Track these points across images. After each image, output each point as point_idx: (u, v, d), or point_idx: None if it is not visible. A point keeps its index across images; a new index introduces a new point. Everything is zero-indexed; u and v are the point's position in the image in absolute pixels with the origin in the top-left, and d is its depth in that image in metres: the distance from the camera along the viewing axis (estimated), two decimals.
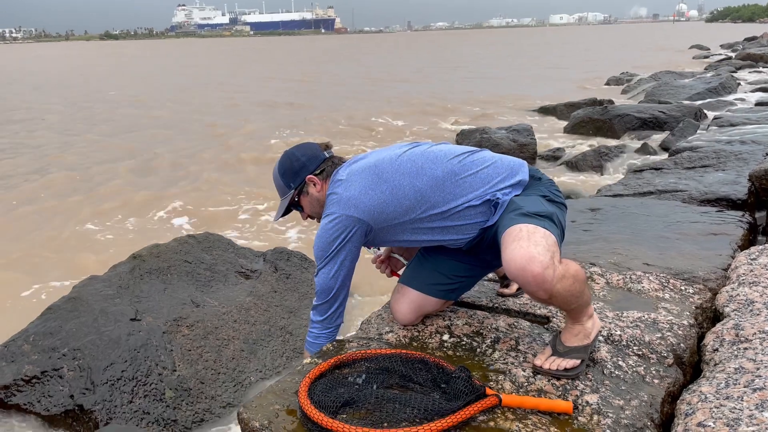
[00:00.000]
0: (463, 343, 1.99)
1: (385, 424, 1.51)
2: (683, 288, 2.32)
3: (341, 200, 1.85)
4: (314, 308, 2.01)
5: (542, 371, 1.76)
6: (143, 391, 2.61)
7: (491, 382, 1.75)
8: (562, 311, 1.89)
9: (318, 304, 1.98)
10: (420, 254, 2.13)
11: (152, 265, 3.34)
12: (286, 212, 2.08)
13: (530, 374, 1.78)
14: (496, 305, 2.25)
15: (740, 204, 3.58)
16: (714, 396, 1.61)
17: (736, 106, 9.92)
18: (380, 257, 2.26)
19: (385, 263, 2.27)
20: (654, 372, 1.79)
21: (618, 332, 1.97)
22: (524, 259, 1.57)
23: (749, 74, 16.59)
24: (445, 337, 2.03)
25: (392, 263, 2.27)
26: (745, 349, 1.83)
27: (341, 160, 2.02)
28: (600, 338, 1.94)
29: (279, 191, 2.05)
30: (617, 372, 1.78)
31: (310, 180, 1.98)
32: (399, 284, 2.12)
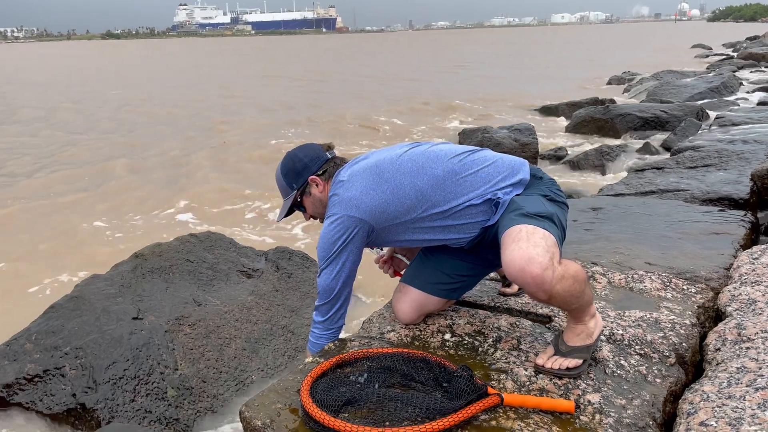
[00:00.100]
0: (465, 343, 1.99)
1: (387, 423, 1.51)
2: (685, 287, 2.32)
3: (343, 201, 1.85)
4: (316, 309, 2.01)
5: (544, 370, 1.76)
6: (145, 390, 2.62)
7: (493, 382, 1.75)
8: (564, 311, 1.89)
9: (320, 305, 1.99)
10: (422, 253, 2.13)
11: (154, 264, 3.35)
12: (289, 213, 2.07)
13: (532, 373, 1.78)
14: (498, 304, 2.26)
15: (742, 203, 3.58)
16: (716, 395, 1.61)
17: (738, 106, 9.91)
18: (383, 258, 2.27)
19: (388, 263, 2.27)
20: (656, 371, 1.79)
21: (620, 332, 1.97)
22: (523, 260, 1.57)
23: (751, 74, 16.58)
24: (447, 337, 2.03)
25: (395, 263, 2.27)
26: (748, 349, 1.83)
27: (343, 161, 2.02)
28: (602, 337, 1.94)
29: (282, 192, 2.06)
30: (619, 371, 1.78)
31: (313, 181, 1.98)
32: (401, 283, 2.12)
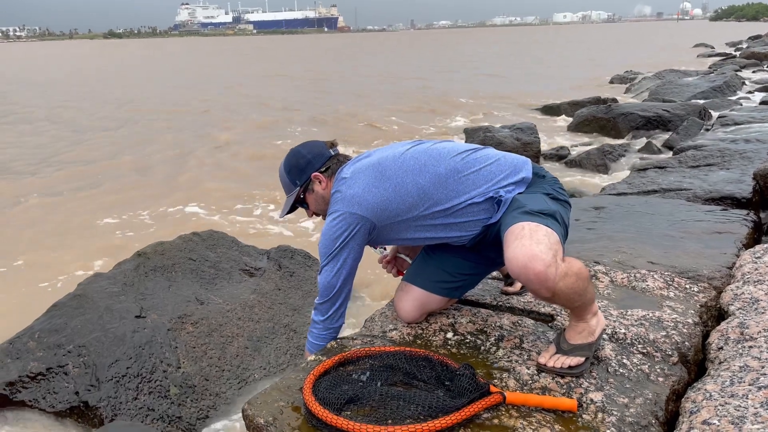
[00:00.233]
0: (467, 341, 1.99)
1: (390, 421, 1.52)
2: (688, 286, 2.32)
3: (345, 198, 1.86)
4: (316, 308, 2.01)
5: (546, 369, 1.76)
6: (148, 388, 2.62)
7: (495, 380, 1.75)
8: (566, 309, 1.89)
9: (320, 303, 1.99)
10: (424, 252, 2.13)
11: (157, 263, 3.35)
12: (292, 209, 2.08)
13: (534, 372, 1.78)
14: (500, 303, 2.26)
15: (745, 202, 3.57)
16: (719, 394, 1.61)
17: (741, 105, 9.89)
18: (386, 257, 2.27)
19: (392, 263, 2.27)
20: (658, 370, 1.79)
21: (623, 330, 1.97)
22: (526, 258, 1.57)
23: (753, 73, 16.56)
24: (449, 335, 2.03)
25: (398, 263, 2.27)
26: (750, 348, 1.82)
27: (346, 158, 2.02)
28: (604, 336, 1.94)
29: (285, 188, 2.06)
30: (622, 370, 1.78)
31: (316, 177, 1.98)
32: (403, 282, 2.12)
